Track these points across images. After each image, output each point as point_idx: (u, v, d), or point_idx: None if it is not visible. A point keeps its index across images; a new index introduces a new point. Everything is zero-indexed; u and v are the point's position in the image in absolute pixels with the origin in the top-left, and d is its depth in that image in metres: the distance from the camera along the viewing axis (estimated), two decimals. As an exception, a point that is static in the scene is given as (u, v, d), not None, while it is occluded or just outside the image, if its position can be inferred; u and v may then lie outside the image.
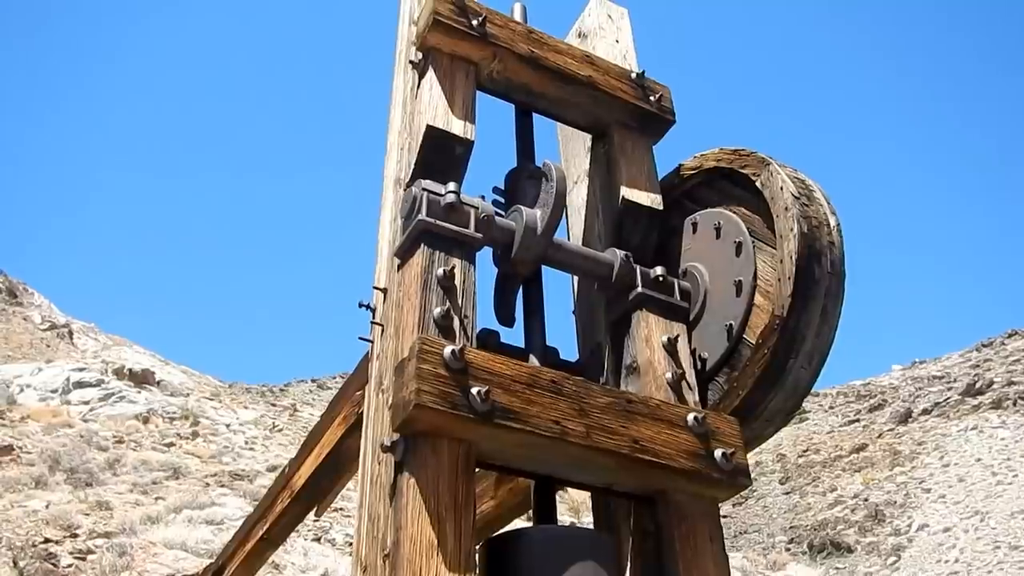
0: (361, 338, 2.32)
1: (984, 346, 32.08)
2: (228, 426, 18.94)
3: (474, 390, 1.78)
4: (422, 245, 2.08)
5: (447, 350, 1.80)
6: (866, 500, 21.50)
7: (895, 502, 20.90)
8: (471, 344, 1.99)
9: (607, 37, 2.99)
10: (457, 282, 2.06)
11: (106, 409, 18.25)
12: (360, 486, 2.06)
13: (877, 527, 20.05)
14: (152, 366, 24.76)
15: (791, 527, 21.34)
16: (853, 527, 20.26)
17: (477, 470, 1.89)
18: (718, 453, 2.02)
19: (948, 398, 27.13)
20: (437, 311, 1.98)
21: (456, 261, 2.09)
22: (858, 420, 29.04)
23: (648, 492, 2.06)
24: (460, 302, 2.04)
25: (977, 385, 26.91)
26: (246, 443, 17.18)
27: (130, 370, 22.17)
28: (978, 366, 29.39)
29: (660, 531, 2.01)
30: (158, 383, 22.66)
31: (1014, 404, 24.72)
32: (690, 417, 2.04)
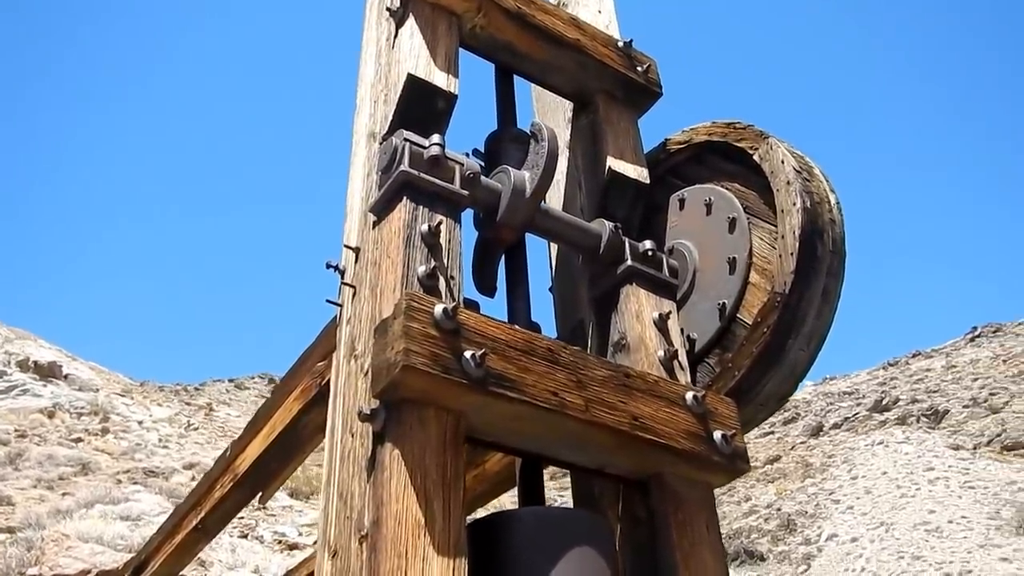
0: (329, 301, 2.10)
1: (890, 365, 33.29)
2: (141, 423, 18.02)
3: (467, 354, 1.59)
4: (404, 198, 1.89)
5: (438, 308, 1.62)
6: (779, 510, 21.94)
7: (806, 512, 21.40)
8: (458, 308, 1.80)
9: (590, 6, 2.85)
10: (443, 240, 1.88)
11: (8, 402, 17.14)
12: (327, 463, 1.84)
13: (789, 536, 20.47)
14: (59, 360, 23.41)
15: (707, 536, 21.61)
16: (766, 536, 20.64)
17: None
18: (717, 435, 1.88)
19: (857, 413, 27.99)
20: (421, 269, 1.79)
21: (441, 217, 1.91)
22: (773, 432, 29.70)
23: (642, 475, 1.90)
24: (446, 262, 1.86)
25: (884, 402, 27.86)
26: (160, 441, 16.37)
27: (35, 362, 20.91)
28: (885, 384, 30.45)
29: (654, 518, 1.86)
30: (65, 377, 21.45)
31: (917, 421, 25.66)
32: (688, 396, 1.90)
